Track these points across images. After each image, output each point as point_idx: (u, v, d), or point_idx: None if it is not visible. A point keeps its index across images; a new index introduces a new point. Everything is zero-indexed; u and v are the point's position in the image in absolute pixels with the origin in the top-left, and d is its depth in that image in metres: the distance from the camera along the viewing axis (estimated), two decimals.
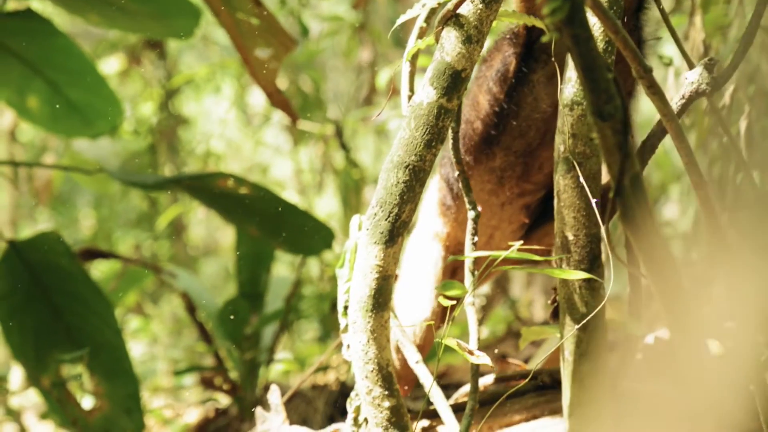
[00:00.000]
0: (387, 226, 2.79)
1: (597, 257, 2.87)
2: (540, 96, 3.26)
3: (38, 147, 8.72)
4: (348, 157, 6.29)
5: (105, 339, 4.69)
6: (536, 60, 3.23)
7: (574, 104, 2.80)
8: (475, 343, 2.94)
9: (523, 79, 3.24)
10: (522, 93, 3.26)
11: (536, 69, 3.23)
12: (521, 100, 3.27)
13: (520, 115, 3.28)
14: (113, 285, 6.19)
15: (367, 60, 7.34)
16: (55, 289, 4.72)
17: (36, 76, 4.82)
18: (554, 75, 3.17)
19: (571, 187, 2.85)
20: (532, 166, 3.41)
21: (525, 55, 3.23)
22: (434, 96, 2.75)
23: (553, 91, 3.23)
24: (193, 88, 8.45)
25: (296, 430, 3.46)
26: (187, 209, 7.71)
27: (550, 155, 3.31)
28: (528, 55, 3.23)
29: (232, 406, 5.32)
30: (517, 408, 3.45)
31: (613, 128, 1.94)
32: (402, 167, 2.77)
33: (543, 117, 3.30)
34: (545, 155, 3.37)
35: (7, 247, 4.75)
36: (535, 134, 3.33)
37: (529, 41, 3.21)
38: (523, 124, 3.29)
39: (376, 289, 2.84)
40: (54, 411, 4.90)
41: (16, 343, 4.78)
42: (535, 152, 3.37)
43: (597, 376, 2.90)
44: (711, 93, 2.76)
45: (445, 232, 3.57)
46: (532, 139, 3.34)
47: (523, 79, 3.24)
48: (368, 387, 2.90)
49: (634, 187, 1.99)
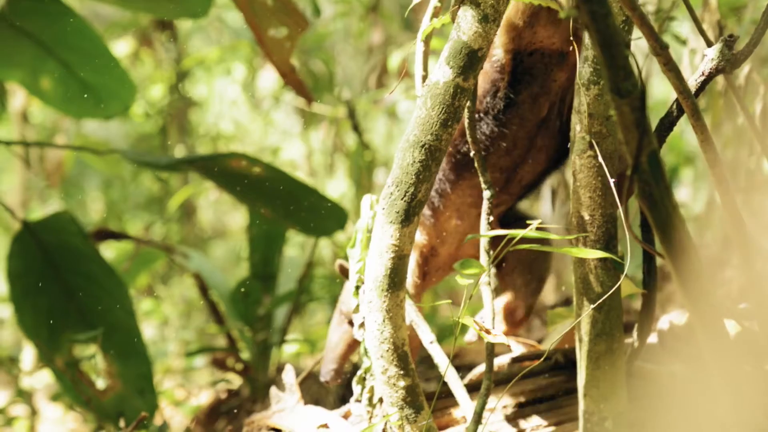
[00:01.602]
0: (403, 206, 2.79)
1: (613, 237, 2.87)
2: (526, 116, 3.29)
3: (49, 129, 8.73)
4: (360, 138, 6.29)
5: (118, 320, 4.71)
6: (521, 82, 3.25)
7: (591, 83, 2.80)
8: (491, 322, 2.94)
9: (510, 103, 3.26)
10: (509, 116, 3.28)
11: (521, 91, 3.25)
12: (508, 122, 3.29)
13: (507, 136, 3.30)
14: (125, 266, 6.20)
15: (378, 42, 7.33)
16: (69, 270, 4.73)
17: (49, 57, 4.82)
18: (539, 94, 3.22)
19: (587, 166, 2.85)
20: (513, 180, 3.46)
21: (511, 82, 3.25)
22: (450, 75, 2.74)
23: (537, 109, 3.28)
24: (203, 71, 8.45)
25: (310, 409, 3.47)
26: (198, 191, 7.71)
27: (530, 168, 3.43)
28: (514, 80, 3.24)
29: (244, 387, 5.33)
30: (532, 388, 3.45)
31: (631, 105, 1.94)
32: (418, 146, 2.77)
33: (528, 135, 3.33)
34: (527, 169, 3.43)
35: (21, 228, 4.76)
36: (520, 151, 3.37)
37: (514, 69, 3.23)
38: (509, 143, 3.32)
39: (391, 268, 2.84)
40: (67, 391, 4.92)
41: (29, 323, 4.80)
42: (518, 167, 3.41)
43: (612, 356, 2.90)
44: (730, 70, 2.75)
45: (422, 239, 3.56)
46: (517, 156, 3.38)
47: (510, 103, 3.26)
48: (383, 366, 2.90)
49: (651, 164, 1.98)
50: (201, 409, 5.42)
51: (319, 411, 3.45)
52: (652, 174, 1.98)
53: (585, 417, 2.95)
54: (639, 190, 1.99)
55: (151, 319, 7.61)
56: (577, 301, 2.94)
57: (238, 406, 5.08)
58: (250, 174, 4.66)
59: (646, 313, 3.14)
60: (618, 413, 2.93)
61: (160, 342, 7.73)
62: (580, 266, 2.90)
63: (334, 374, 3.66)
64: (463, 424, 3.33)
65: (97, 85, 4.91)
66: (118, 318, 4.71)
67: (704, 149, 2.67)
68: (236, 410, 5.04)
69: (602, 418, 2.92)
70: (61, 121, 8.47)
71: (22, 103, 7.40)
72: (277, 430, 3.42)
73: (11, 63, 4.89)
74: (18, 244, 4.74)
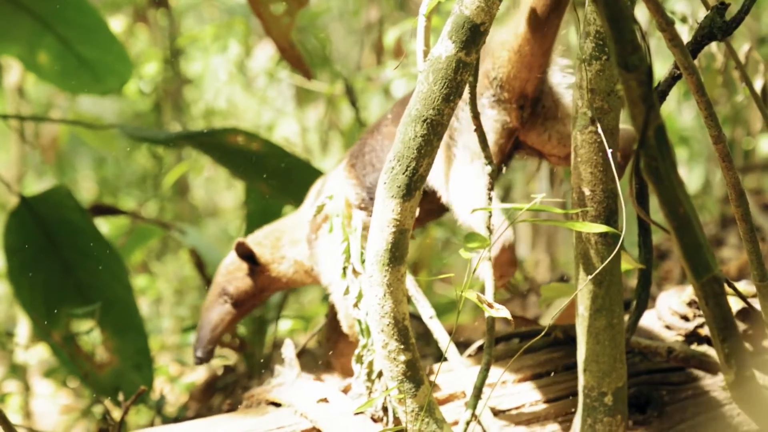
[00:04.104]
0: (404, 180, 2.79)
1: (614, 212, 2.88)
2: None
3: (44, 105, 8.71)
4: (357, 115, 6.28)
5: (115, 295, 4.71)
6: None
7: (593, 59, 2.81)
8: (492, 296, 2.95)
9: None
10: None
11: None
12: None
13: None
14: (121, 242, 6.20)
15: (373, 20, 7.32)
16: (66, 245, 4.73)
17: (47, 32, 4.81)
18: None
19: (589, 142, 2.85)
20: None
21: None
22: (453, 50, 2.74)
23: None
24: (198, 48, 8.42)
25: (310, 384, 3.48)
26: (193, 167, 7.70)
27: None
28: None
29: (240, 363, 5.34)
30: (531, 363, 3.47)
31: (638, 79, 1.94)
32: (420, 121, 2.77)
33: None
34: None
35: (18, 202, 4.75)
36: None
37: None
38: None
39: (392, 242, 2.84)
40: (64, 366, 4.92)
41: (27, 298, 4.80)
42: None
43: (612, 331, 2.91)
44: (722, 38, 2.75)
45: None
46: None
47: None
48: (384, 341, 2.91)
49: (658, 139, 1.99)
50: (197, 384, 5.43)
51: (318, 385, 3.45)
52: (658, 149, 1.99)
53: (585, 392, 2.97)
54: (645, 165, 2.00)
55: (146, 296, 7.61)
56: (576, 276, 2.95)
57: (234, 382, 5.08)
58: (248, 149, 4.66)
59: (643, 287, 3.16)
60: (618, 388, 2.95)
61: (154, 318, 7.73)
62: (580, 242, 2.91)
63: (209, 353, 3.68)
64: (463, 398, 3.35)
65: (94, 60, 4.90)
66: (116, 293, 4.71)
67: (708, 125, 2.68)
68: (232, 386, 5.05)
69: (602, 393, 2.94)
70: (55, 97, 8.45)
71: (18, 79, 7.38)
72: (276, 404, 3.43)
73: (8, 37, 4.87)
74: (15, 219, 4.74)
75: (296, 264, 3.75)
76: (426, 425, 2.94)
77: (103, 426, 4.25)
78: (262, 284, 3.77)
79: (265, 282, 3.77)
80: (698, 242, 2.12)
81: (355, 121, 6.30)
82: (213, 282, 3.81)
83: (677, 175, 2.05)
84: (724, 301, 2.25)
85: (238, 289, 3.72)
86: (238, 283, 3.73)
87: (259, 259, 3.73)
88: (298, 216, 3.85)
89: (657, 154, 1.99)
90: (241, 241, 3.70)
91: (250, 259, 3.73)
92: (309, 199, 3.82)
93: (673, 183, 2.03)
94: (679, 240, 2.10)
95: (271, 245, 3.76)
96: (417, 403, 2.94)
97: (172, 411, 4.93)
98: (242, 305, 3.76)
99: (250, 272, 3.73)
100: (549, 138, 3.42)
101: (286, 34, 4.43)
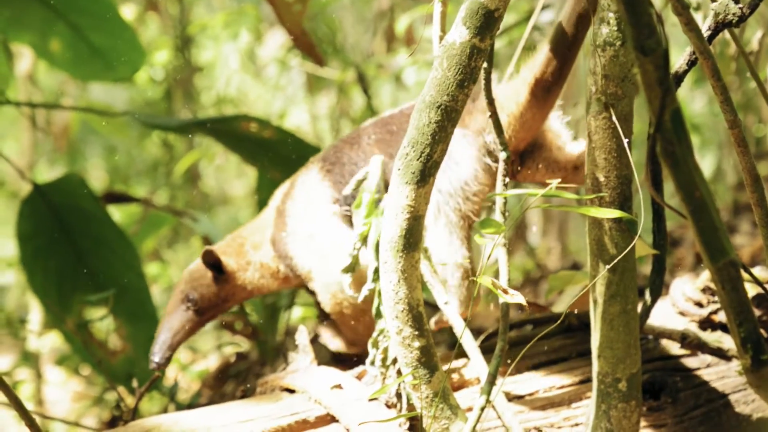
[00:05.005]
0: (419, 166, 2.79)
1: (628, 198, 2.86)
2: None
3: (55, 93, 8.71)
4: (369, 102, 6.28)
5: (128, 282, 4.71)
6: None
7: (607, 45, 2.79)
8: (506, 282, 2.95)
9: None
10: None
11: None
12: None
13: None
14: (134, 230, 6.20)
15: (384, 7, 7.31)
16: (79, 232, 4.74)
17: (59, 20, 4.81)
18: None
19: (603, 128, 2.84)
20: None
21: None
22: (467, 36, 2.73)
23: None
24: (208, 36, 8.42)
25: (324, 369, 3.48)
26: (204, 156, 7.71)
27: None
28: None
29: (253, 350, 5.34)
30: (545, 350, 3.47)
31: (655, 63, 1.94)
32: (434, 107, 2.76)
33: None
34: None
35: (31, 190, 4.76)
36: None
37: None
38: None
39: (406, 229, 2.84)
40: (77, 353, 4.93)
41: (39, 285, 4.81)
42: None
43: (627, 317, 2.91)
44: (738, 24, 2.74)
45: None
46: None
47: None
48: (398, 327, 2.91)
49: (674, 123, 1.99)
50: (210, 372, 5.44)
51: (332, 371, 3.46)
52: (674, 132, 1.98)
53: (599, 378, 2.96)
54: (661, 149, 1.99)
55: (158, 284, 7.62)
56: (591, 263, 2.94)
57: (247, 369, 5.09)
58: (260, 136, 4.66)
59: (657, 273, 3.15)
60: (632, 374, 2.94)
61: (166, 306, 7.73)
62: (594, 228, 2.90)
63: (167, 360, 3.67)
64: (477, 385, 3.35)
65: (106, 47, 4.90)
66: (128, 280, 4.72)
67: (723, 110, 2.67)
68: (245, 373, 5.06)
69: (616, 379, 2.93)
70: (66, 85, 8.45)
71: (29, 67, 7.39)
72: (290, 390, 3.43)
73: (21, 25, 4.87)
74: (28, 206, 4.75)
75: (262, 268, 3.74)
76: (440, 411, 2.94)
77: (117, 413, 4.26)
78: (227, 293, 3.75)
79: (230, 291, 3.76)
80: (715, 226, 2.11)
81: (367, 108, 6.30)
82: (176, 288, 3.80)
83: (693, 159, 2.04)
84: (741, 286, 2.25)
85: (202, 296, 3.70)
86: (202, 290, 3.71)
87: (225, 268, 3.72)
88: (258, 221, 3.85)
89: (673, 138, 1.99)
90: (209, 249, 3.69)
91: (217, 267, 3.72)
92: (273, 202, 3.83)
93: (689, 167, 2.02)
94: (696, 224, 2.10)
95: (236, 252, 3.75)
96: (431, 390, 2.94)
97: (185, 398, 4.93)
98: (205, 313, 3.74)
99: (215, 280, 3.72)
100: (537, 168, 3.47)
101: (298, 21, 4.43)
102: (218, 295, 3.72)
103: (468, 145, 3.40)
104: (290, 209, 3.69)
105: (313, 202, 3.65)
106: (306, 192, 3.67)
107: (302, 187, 3.69)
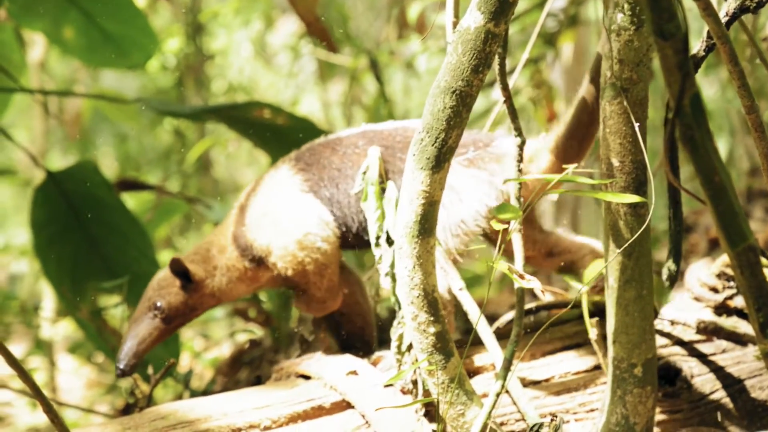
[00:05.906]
0: (434, 152, 2.79)
1: (643, 183, 2.86)
2: None
3: (67, 81, 8.72)
4: (381, 89, 6.27)
5: (142, 269, 4.71)
6: None
7: (622, 29, 2.78)
8: (521, 268, 2.95)
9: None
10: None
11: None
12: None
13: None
14: (147, 217, 6.20)
15: None
16: (92, 220, 4.73)
17: (72, 7, 4.80)
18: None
19: (617, 113, 2.83)
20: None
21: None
22: (482, 21, 2.73)
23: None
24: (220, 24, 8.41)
25: (339, 356, 3.49)
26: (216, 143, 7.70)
27: None
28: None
29: (266, 337, 5.35)
30: (560, 336, 3.47)
31: (674, 47, 1.93)
32: (449, 92, 2.76)
33: None
34: None
35: (45, 177, 4.76)
36: None
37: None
38: None
39: (422, 214, 2.84)
40: (90, 340, 4.93)
41: (53, 272, 4.81)
42: None
43: (642, 302, 2.90)
44: (755, 10, 2.73)
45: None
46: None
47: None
48: (414, 313, 2.91)
49: (694, 107, 1.98)
50: (223, 359, 5.45)
51: (348, 358, 3.46)
52: (694, 117, 1.98)
53: (614, 363, 2.96)
54: (681, 134, 1.99)
55: None
56: (606, 248, 2.94)
57: (260, 356, 5.09)
58: (273, 123, 4.65)
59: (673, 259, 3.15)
60: (647, 359, 2.94)
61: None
62: (609, 213, 2.90)
63: (132, 367, 3.64)
64: (492, 370, 3.35)
65: (119, 34, 4.90)
66: (142, 268, 4.71)
67: (741, 95, 2.66)
68: (258, 360, 5.06)
69: (631, 364, 2.93)
70: (78, 72, 8.46)
71: (41, 55, 7.39)
72: (305, 376, 3.44)
73: (33, 12, 4.87)
74: (42, 194, 4.75)
75: (228, 271, 3.71)
76: (456, 397, 2.95)
77: (131, 400, 4.26)
78: (195, 302, 3.71)
79: (198, 299, 3.72)
80: (734, 210, 2.11)
81: (380, 95, 6.29)
82: (143, 296, 3.77)
83: (713, 144, 2.04)
84: (759, 270, 2.24)
85: (170, 304, 3.67)
86: (170, 298, 3.67)
87: (193, 276, 3.69)
88: (222, 224, 3.83)
89: (693, 123, 1.98)
90: (177, 257, 3.66)
91: (185, 276, 3.70)
92: (236, 201, 3.82)
93: (708, 151, 2.02)
94: (715, 208, 2.09)
95: (202, 259, 3.72)
96: (447, 375, 2.94)
97: (199, 385, 4.94)
98: (171, 321, 3.70)
99: (183, 289, 3.70)
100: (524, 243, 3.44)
101: (311, 7, 4.43)
102: (186, 303, 3.68)
103: (476, 185, 3.39)
104: (251, 203, 3.68)
105: (278, 193, 3.64)
106: (271, 186, 3.65)
107: (268, 183, 3.68)
